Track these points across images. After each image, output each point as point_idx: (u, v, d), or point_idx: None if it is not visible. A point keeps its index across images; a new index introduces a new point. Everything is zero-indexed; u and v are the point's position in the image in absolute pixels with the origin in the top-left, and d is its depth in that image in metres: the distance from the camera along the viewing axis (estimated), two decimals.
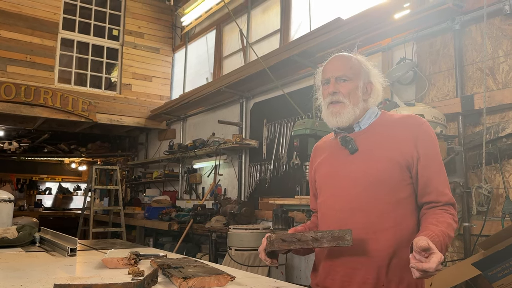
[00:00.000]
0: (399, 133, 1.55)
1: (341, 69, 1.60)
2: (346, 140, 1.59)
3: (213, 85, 5.95)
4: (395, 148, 1.52)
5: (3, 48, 6.51)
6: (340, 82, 1.59)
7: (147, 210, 6.83)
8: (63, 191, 13.89)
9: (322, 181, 1.68)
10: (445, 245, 1.38)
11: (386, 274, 1.47)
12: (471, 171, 3.17)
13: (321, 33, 4.21)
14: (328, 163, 1.66)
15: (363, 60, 1.65)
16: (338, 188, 1.58)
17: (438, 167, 1.53)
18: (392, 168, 1.50)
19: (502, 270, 1.96)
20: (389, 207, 1.50)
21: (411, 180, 1.53)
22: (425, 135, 1.54)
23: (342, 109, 1.57)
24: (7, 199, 3.26)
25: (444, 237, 1.37)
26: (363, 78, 1.61)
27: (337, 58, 1.66)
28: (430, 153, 1.52)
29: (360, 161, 1.55)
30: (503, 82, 3.08)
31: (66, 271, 1.76)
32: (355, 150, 1.57)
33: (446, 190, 1.52)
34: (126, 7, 7.83)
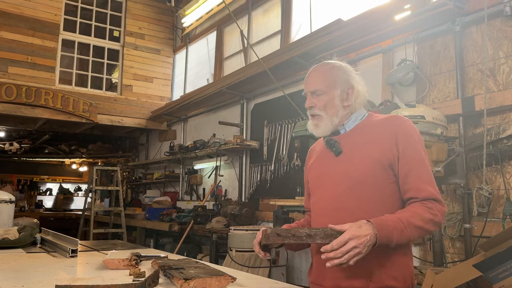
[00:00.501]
0: (381, 133, 1.61)
1: (314, 84, 1.68)
2: (331, 143, 1.66)
3: (213, 86, 5.95)
4: (377, 148, 1.58)
5: (4, 49, 6.52)
6: (315, 96, 1.67)
7: (147, 211, 6.83)
8: (64, 192, 13.89)
9: (313, 183, 1.75)
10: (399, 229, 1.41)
11: (373, 270, 1.50)
12: (471, 172, 3.17)
13: (322, 34, 4.21)
14: (318, 166, 1.74)
15: (341, 67, 1.71)
16: (325, 188, 1.65)
17: (418, 164, 1.55)
18: (375, 168, 1.55)
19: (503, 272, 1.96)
20: (373, 206, 1.54)
21: (395, 178, 1.57)
22: (405, 133, 1.58)
23: (320, 122, 1.66)
24: (8, 200, 3.27)
25: (398, 222, 1.42)
26: (340, 86, 1.66)
27: (312, 72, 1.73)
28: (409, 150, 1.56)
29: (344, 162, 1.62)
30: (503, 84, 3.09)
31: (67, 272, 1.77)
32: (340, 152, 1.64)
33: (426, 186, 1.53)
34: (127, 8, 7.84)
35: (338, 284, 1.55)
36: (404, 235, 1.43)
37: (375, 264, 1.50)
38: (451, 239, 3.25)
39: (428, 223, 1.47)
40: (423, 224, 1.45)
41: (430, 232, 1.60)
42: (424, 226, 1.46)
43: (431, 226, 1.49)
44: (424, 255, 3.41)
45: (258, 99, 5.72)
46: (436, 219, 1.48)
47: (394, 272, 1.52)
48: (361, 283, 1.51)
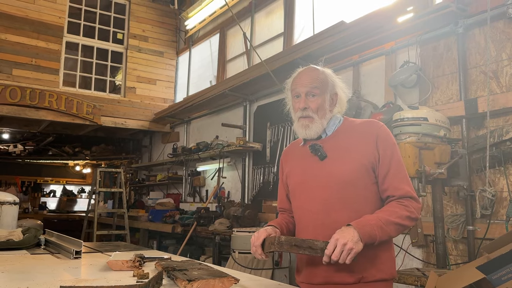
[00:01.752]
0: (361, 137, 1.71)
1: (310, 85, 1.72)
2: (316, 148, 1.73)
3: (216, 88, 5.96)
4: (359, 151, 1.68)
5: (9, 51, 6.56)
6: (310, 98, 1.72)
7: (151, 213, 6.85)
8: (68, 193, 13.93)
9: (296, 187, 1.80)
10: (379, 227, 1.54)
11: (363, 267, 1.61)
12: (475, 174, 3.17)
13: (325, 36, 4.22)
14: (300, 169, 1.79)
15: (329, 73, 1.79)
16: (312, 192, 1.72)
17: (395, 165, 1.67)
18: (359, 170, 1.66)
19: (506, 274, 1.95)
20: (359, 206, 1.65)
21: (376, 179, 1.68)
22: (383, 137, 1.69)
23: (311, 123, 1.72)
24: (12, 201, 3.29)
25: (378, 220, 1.55)
26: (329, 90, 1.75)
27: (306, 73, 1.77)
28: (387, 152, 1.67)
29: (329, 166, 1.70)
30: (506, 86, 3.08)
31: (71, 273, 1.78)
32: (325, 156, 1.71)
33: (402, 185, 1.65)
34: (131, 10, 7.88)
35: (330, 281, 1.64)
36: (384, 231, 1.55)
37: (366, 261, 1.60)
38: (454, 241, 3.24)
39: (405, 219, 1.60)
40: (400, 221, 1.59)
41: (408, 227, 1.77)
42: (401, 222, 1.59)
43: (408, 222, 1.62)
44: (427, 257, 3.41)
45: (261, 101, 5.72)
46: (412, 215, 1.61)
47: (382, 266, 1.65)
48: (353, 279, 1.61)
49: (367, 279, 1.62)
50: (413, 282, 2.53)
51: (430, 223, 3.21)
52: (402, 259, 3.47)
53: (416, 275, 2.56)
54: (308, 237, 1.67)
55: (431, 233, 3.20)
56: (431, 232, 3.23)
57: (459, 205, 3.27)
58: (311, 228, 1.70)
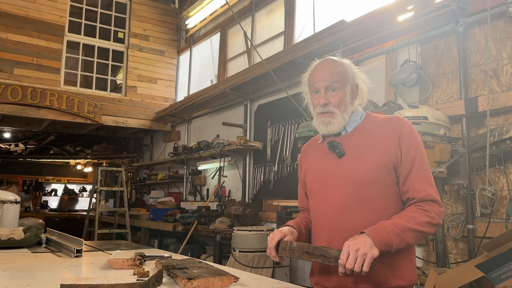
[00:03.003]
0: (383, 135, 1.60)
1: (330, 79, 1.62)
2: (334, 145, 1.64)
3: (217, 87, 5.97)
4: (380, 150, 1.57)
5: (10, 50, 6.58)
6: (330, 92, 1.62)
7: (152, 212, 6.86)
8: (69, 192, 13.95)
9: (312, 185, 1.73)
10: (396, 234, 1.43)
11: (379, 272, 1.50)
12: (475, 173, 3.17)
13: (325, 35, 4.22)
14: (317, 167, 1.71)
15: (348, 64, 1.69)
16: (328, 191, 1.63)
17: (418, 166, 1.55)
18: (379, 170, 1.55)
19: (505, 272, 1.96)
20: (378, 207, 1.55)
21: (397, 180, 1.58)
22: (407, 135, 1.58)
23: (332, 119, 1.62)
24: (13, 200, 3.30)
25: (394, 227, 1.43)
26: (350, 82, 1.65)
27: (324, 66, 1.66)
28: (410, 152, 1.56)
29: (347, 164, 1.60)
30: (507, 84, 3.08)
31: (72, 272, 1.79)
32: (343, 154, 1.62)
33: (424, 186, 1.53)
34: (132, 10, 7.88)
35: (344, 286, 1.55)
36: (402, 239, 1.44)
37: (383, 266, 1.50)
38: (454, 240, 3.25)
39: (424, 226, 1.48)
40: (419, 227, 1.47)
41: (428, 234, 1.59)
42: (420, 229, 1.47)
43: (429, 229, 1.50)
44: (427, 255, 3.41)
45: (262, 100, 5.73)
46: (433, 221, 1.50)
47: (400, 272, 1.54)
48: (370, 285, 1.52)
49: (384, 286, 1.52)
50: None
51: None
52: None
53: None
54: (323, 239, 1.61)
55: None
56: None
57: (459, 204, 3.27)
58: (326, 229, 1.62)
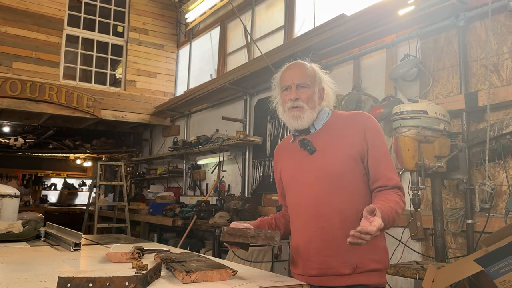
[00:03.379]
0: (349, 129, 1.74)
1: (301, 77, 1.76)
2: (305, 143, 1.76)
3: (217, 82, 5.95)
4: (348, 144, 1.71)
5: (9, 44, 6.55)
6: (300, 89, 1.76)
7: (151, 206, 6.86)
8: (68, 187, 13.97)
9: (288, 182, 1.85)
10: (392, 219, 1.57)
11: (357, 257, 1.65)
12: (474, 168, 3.17)
13: (325, 29, 4.20)
14: (291, 166, 1.83)
15: (316, 68, 1.83)
16: (302, 186, 1.75)
17: (384, 156, 1.71)
18: (348, 162, 1.69)
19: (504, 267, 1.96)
20: (350, 197, 1.69)
21: (365, 170, 1.72)
22: (372, 128, 1.73)
23: (302, 113, 1.75)
24: (13, 194, 3.30)
25: (391, 212, 1.56)
26: (318, 84, 1.80)
27: (296, 66, 1.81)
28: (376, 144, 1.71)
29: (319, 159, 1.73)
30: (507, 79, 3.07)
31: (70, 265, 1.79)
32: (314, 150, 1.75)
33: (393, 175, 1.70)
34: (131, 3, 7.85)
35: (325, 273, 1.67)
36: (393, 224, 1.60)
37: (360, 251, 1.62)
38: (453, 235, 3.25)
39: (401, 210, 1.64)
40: (400, 212, 1.63)
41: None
42: (400, 212, 1.63)
43: (401, 213, 1.66)
44: (426, 250, 3.42)
45: (261, 95, 5.71)
46: (403, 205, 1.67)
47: (376, 256, 1.69)
48: (348, 269, 1.65)
49: (361, 269, 1.65)
50: (412, 275, 2.54)
51: (429, 217, 3.22)
52: (401, 252, 3.48)
53: (414, 268, 2.57)
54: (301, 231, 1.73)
55: (430, 226, 3.20)
56: (430, 226, 3.23)
57: (458, 199, 3.27)
58: (303, 222, 1.74)
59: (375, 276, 1.68)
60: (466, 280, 2.12)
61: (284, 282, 1.50)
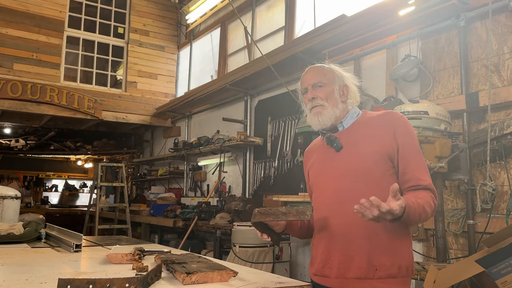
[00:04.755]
0: (379, 128, 1.69)
1: (316, 77, 1.76)
2: (331, 139, 1.73)
3: (217, 83, 5.95)
4: (376, 142, 1.66)
5: (10, 46, 6.56)
6: (317, 88, 1.75)
7: (152, 207, 6.87)
8: (69, 188, 13.97)
9: (314, 180, 1.82)
10: (418, 214, 1.51)
11: (378, 259, 1.58)
12: (475, 168, 3.16)
13: (326, 30, 4.20)
14: (318, 163, 1.81)
15: (335, 67, 1.80)
16: (327, 183, 1.71)
17: (416, 156, 1.65)
18: (375, 160, 1.63)
19: (505, 267, 1.96)
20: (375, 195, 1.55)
21: (394, 170, 1.66)
22: (402, 127, 1.67)
23: (323, 110, 1.72)
24: (14, 196, 3.30)
25: (418, 206, 1.51)
26: (338, 82, 1.76)
27: (311, 69, 1.81)
28: (407, 143, 1.65)
29: (345, 156, 1.69)
30: (508, 79, 3.07)
31: (71, 267, 1.78)
32: (340, 147, 1.71)
33: (425, 176, 1.64)
34: (132, 5, 7.86)
35: (344, 275, 1.61)
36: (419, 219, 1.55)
37: (381, 254, 1.57)
38: (455, 235, 3.24)
39: (431, 210, 1.58)
40: (430, 211, 1.56)
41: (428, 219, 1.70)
42: (428, 215, 1.57)
43: (431, 214, 1.59)
44: (427, 251, 3.41)
45: (262, 96, 5.71)
46: (433, 206, 1.59)
47: (398, 261, 1.60)
48: (367, 273, 1.58)
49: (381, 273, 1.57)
50: (413, 276, 2.53)
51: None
52: None
53: (416, 269, 2.56)
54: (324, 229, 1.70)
55: (432, 227, 3.20)
56: (431, 226, 3.23)
57: (459, 199, 3.27)
58: (325, 219, 1.70)
59: (395, 284, 1.58)
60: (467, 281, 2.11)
61: (285, 283, 1.50)
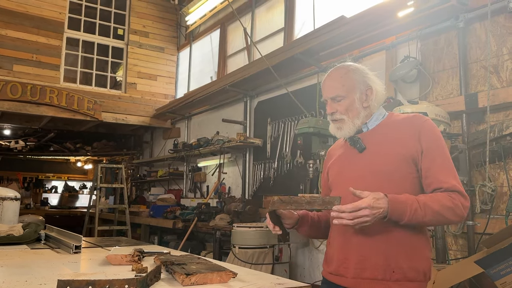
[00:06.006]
0: (403, 131, 1.66)
1: (333, 91, 1.71)
2: (354, 140, 1.71)
3: (217, 84, 5.96)
4: (400, 144, 1.63)
5: (10, 47, 6.56)
6: (336, 102, 1.71)
7: (152, 208, 6.86)
8: (69, 189, 13.96)
9: (334, 179, 1.80)
10: (413, 209, 1.47)
11: (395, 261, 1.56)
12: (475, 169, 3.16)
13: (325, 31, 4.20)
14: (339, 163, 1.79)
15: (357, 69, 1.73)
16: (347, 183, 1.65)
17: (440, 159, 1.59)
18: (398, 162, 1.60)
19: (505, 268, 1.96)
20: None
21: (418, 174, 1.61)
22: (427, 130, 1.63)
23: (342, 125, 1.71)
24: (14, 197, 3.29)
25: (414, 201, 1.48)
26: (359, 88, 1.70)
27: (329, 78, 1.75)
28: (432, 146, 1.60)
29: (368, 157, 1.67)
30: (507, 80, 3.07)
31: (70, 268, 1.78)
32: (363, 148, 1.69)
33: (448, 178, 1.56)
34: (131, 6, 7.86)
35: (360, 275, 1.59)
36: (417, 215, 1.48)
37: (398, 255, 1.56)
38: (454, 236, 3.24)
39: (447, 210, 1.50)
40: (440, 209, 1.49)
41: (451, 222, 1.63)
42: (442, 211, 1.49)
43: (451, 215, 1.51)
44: None
45: (262, 97, 5.72)
46: (457, 210, 1.51)
47: (416, 264, 1.57)
48: (384, 275, 1.56)
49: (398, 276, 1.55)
50: None
51: None
52: None
53: None
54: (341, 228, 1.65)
55: (431, 228, 3.20)
56: (430, 227, 3.22)
57: None
58: None
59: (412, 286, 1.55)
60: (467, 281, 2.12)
61: (284, 285, 1.50)
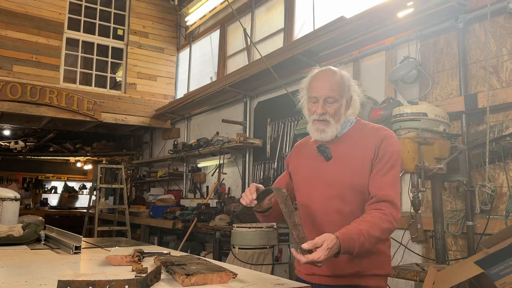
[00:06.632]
0: (367, 142, 1.73)
1: (330, 91, 1.72)
2: (322, 149, 1.77)
3: (217, 84, 5.96)
4: (363, 156, 1.70)
5: (10, 48, 6.56)
6: (328, 104, 1.72)
7: (151, 209, 6.86)
8: (69, 190, 13.96)
9: (300, 182, 1.86)
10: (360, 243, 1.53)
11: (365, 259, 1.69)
12: (474, 169, 3.16)
13: (325, 32, 4.21)
14: (306, 167, 1.84)
15: (346, 76, 1.77)
16: (314, 191, 1.77)
17: (386, 168, 1.67)
18: (361, 174, 1.69)
19: (504, 269, 1.96)
20: (358, 208, 1.70)
21: None
22: (387, 142, 1.71)
23: (327, 127, 1.73)
24: (13, 197, 3.30)
25: (360, 235, 1.53)
26: (346, 95, 1.75)
27: (325, 77, 1.74)
28: (385, 156, 1.68)
29: (334, 167, 1.74)
30: (507, 81, 3.07)
31: (70, 268, 1.78)
32: (330, 157, 1.75)
33: (385, 187, 1.64)
34: (131, 6, 7.87)
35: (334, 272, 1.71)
36: (364, 247, 1.56)
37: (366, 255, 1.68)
38: (454, 237, 3.24)
39: (384, 233, 1.62)
40: (380, 235, 1.59)
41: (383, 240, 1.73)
42: (381, 236, 1.61)
43: (386, 235, 1.67)
44: (426, 252, 3.41)
45: (261, 97, 5.72)
46: (391, 227, 1.61)
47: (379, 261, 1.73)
48: (354, 269, 1.70)
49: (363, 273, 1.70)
50: (412, 277, 2.53)
51: (429, 219, 3.21)
52: (401, 254, 3.47)
53: (415, 270, 2.56)
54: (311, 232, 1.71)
55: (431, 228, 3.20)
56: (430, 228, 3.23)
57: (458, 201, 3.27)
58: (312, 224, 1.77)
59: (374, 280, 1.72)
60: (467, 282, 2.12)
61: (284, 285, 1.50)
